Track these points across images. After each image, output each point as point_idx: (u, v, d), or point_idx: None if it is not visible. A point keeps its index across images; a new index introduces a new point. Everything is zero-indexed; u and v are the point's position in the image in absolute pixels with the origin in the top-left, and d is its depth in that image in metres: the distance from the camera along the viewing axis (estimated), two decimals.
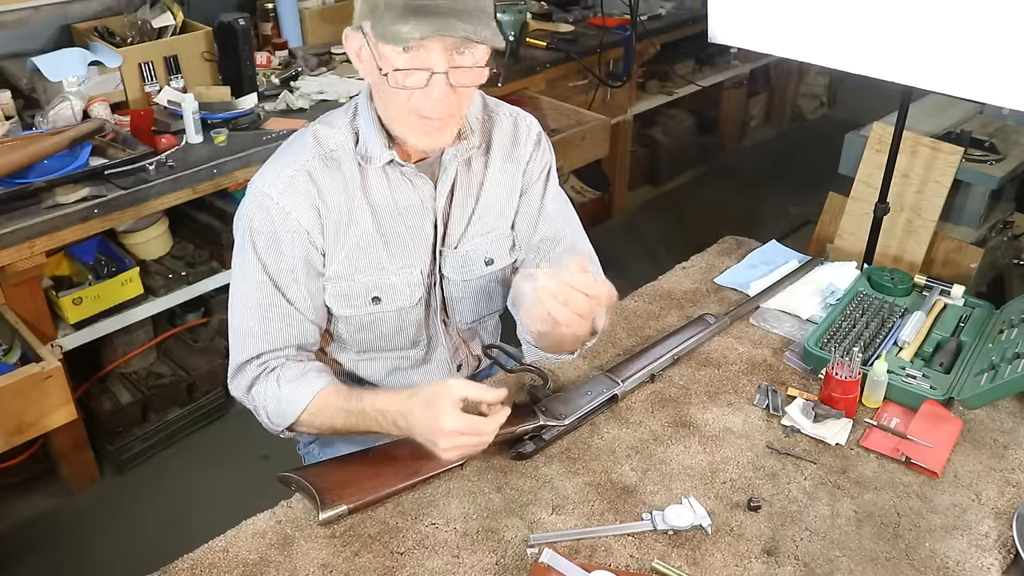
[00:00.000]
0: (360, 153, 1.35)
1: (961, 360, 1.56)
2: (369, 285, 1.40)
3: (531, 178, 1.52)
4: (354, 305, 1.42)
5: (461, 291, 1.51)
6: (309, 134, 1.37)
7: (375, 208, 1.37)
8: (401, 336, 1.48)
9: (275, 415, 1.37)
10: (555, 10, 3.69)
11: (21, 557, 2.31)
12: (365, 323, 1.45)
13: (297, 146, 1.36)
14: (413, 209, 1.39)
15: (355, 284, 1.40)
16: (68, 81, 2.36)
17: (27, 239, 2.04)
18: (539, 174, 1.53)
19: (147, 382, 2.66)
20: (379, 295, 1.42)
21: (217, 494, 2.42)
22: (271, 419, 1.38)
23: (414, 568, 1.19)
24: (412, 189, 1.38)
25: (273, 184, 1.33)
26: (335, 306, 1.42)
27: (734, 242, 2.02)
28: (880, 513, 1.29)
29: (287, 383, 1.35)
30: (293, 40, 3.03)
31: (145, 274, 2.49)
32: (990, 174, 2.51)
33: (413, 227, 1.40)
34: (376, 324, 1.45)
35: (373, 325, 1.45)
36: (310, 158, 1.34)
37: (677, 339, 1.59)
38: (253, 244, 1.34)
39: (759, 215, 4.03)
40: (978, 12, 1.69)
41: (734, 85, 4.57)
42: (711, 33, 2.18)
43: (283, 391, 1.35)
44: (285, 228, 1.33)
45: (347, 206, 1.35)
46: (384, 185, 1.37)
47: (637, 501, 1.30)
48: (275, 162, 1.36)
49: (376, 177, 1.36)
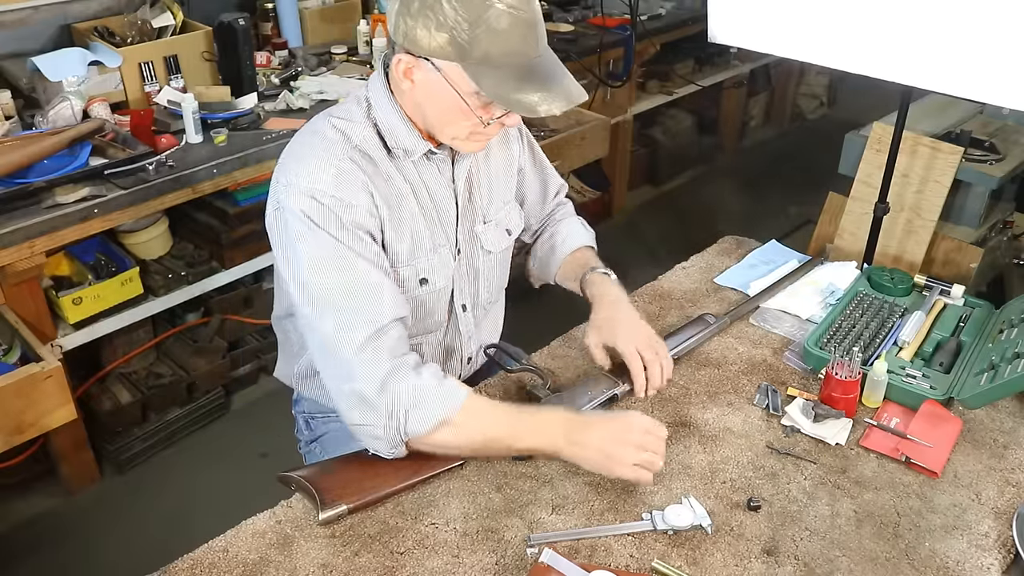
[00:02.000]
0: (392, 144, 1.36)
1: (961, 360, 1.56)
2: (419, 268, 1.42)
3: (524, 151, 1.62)
4: (406, 289, 1.41)
5: (490, 264, 1.55)
6: (332, 130, 1.34)
7: (415, 194, 1.39)
8: (430, 319, 1.49)
9: (420, 418, 1.25)
10: (555, 10, 3.69)
11: (21, 557, 2.31)
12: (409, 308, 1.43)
13: (327, 143, 1.33)
14: (440, 191, 1.43)
15: (407, 268, 1.41)
16: (68, 81, 2.36)
17: (27, 239, 2.04)
18: (527, 141, 1.63)
19: (147, 382, 2.66)
20: (425, 276, 1.43)
21: (217, 494, 2.43)
22: (410, 421, 1.25)
23: (414, 568, 1.19)
24: (439, 173, 1.42)
25: (320, 179, 1.28)
26: None
27: (734, 242, 2.02)
28: (880, 513, 1.29)
29: (431, 377, 1.27)
30: (293, 40, 3.03)
31: (145, 274, 2.49)
32: (990, 174, 2.51)
33: (442, 208, 1.44)
34: (417, 307, 1.45)
35: (415, 309, 1.44)
36: (347, 150, 1.32)
37: (677, 339, 1.59)
38: (328, 233, 1.27)
39: (759, 215, 4.03)
40: (978, 12, 1.69)
41: (734, 85, 4.58)
42: (711, 33, 2.18)
43: (434, 388, 1.26)
44: (350, 217, 1.29)
45: (390, 194, 1.36)
46: (412, 171, 1.39)
47: (637, 501, 1.30)
48: (308, 161, 1.31)
49: (409, 166, 1.38)
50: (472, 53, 1.19)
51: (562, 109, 1.22)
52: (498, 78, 1.20)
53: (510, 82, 1.20)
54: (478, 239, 1.51)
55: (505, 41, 1.19)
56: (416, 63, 1.25)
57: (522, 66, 1.21)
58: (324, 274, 1.28)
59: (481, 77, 1.20)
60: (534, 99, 1.20)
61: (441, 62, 1.22)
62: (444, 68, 1.22)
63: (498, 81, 1.20)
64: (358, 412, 1.27)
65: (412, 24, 1.20)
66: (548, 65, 1.25)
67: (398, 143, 1.35)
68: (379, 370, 1.25)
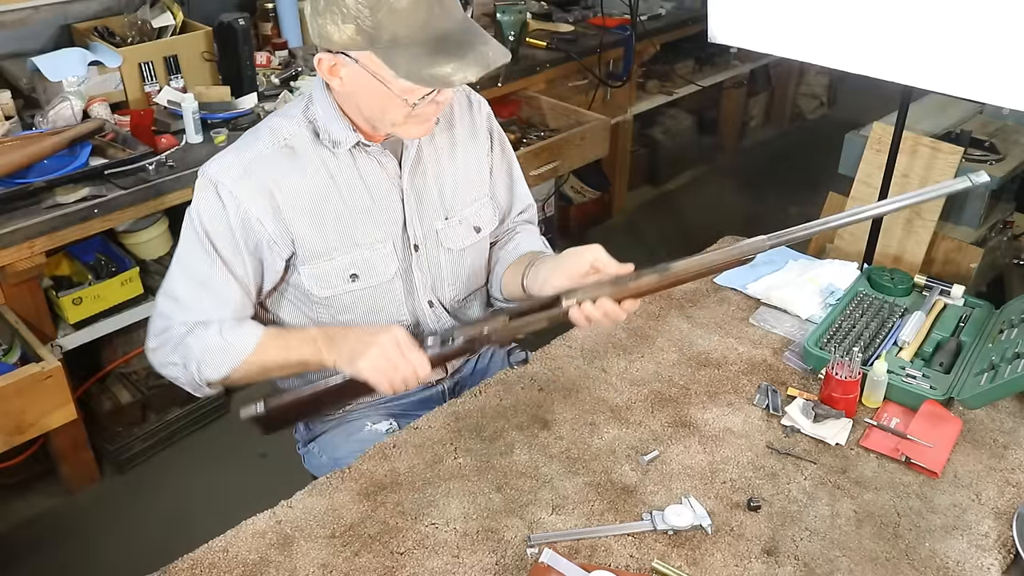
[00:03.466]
0: (324, 139, 1.39)
1: (961, 360, 1.56)
2: (346, 263, 1.43)
3: (497, 151, 1.59)
4: (332, 285, 1.44)
5: (456, 262, 1.54)
6: (264, 127, 1.41)
7: (341, 188, 1.40)
8: (382, 316, 1.49)
9: (213, 365, 1.37)
10: (555, 10, 3.69)
11: (21, 557, 2.31)
12: (346, 304, 1.46)
13: (252, 138, 1.40)
14: (381, 186, 1.43)
15: (333, 263, 1.42)
16: (68, 81, 2.35)
17: (27, 239, 2.04)
18: (498, 145, 1.60)
19: (147, 382, 2.66)
20: (356, 272, 1.44)
21: (217, 494, 2.42)
22: (202, 371, 1.38)
23: (414, 568, 1.19)
24: (379, 167, 1.43)
25: (227, 172, 1.35)
26: (314, 288, 1.43)
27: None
28: (880, 513, 1.29)
29: (229, 332, 1.38)
30: (293, 40, 3.03)
31: (145, 274, 2.49)
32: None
33: (382, 203, 1.44)
34: (356, 304, 1.47)
35: (354, 306, 1.47)
36: (265, 147, 1.37)
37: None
38: (202, 224, 1.36)
39: (759, 215, 4.03)
40: (978, 12, 1.69)
41: (734, 85, 4.57)
42: (711, 33, 2.18)
43: (226, 338, 1.37)
44: (236, 214, 1.35)
45: (311, 189, 1.38)
46: (350, 165, 1.41)
47: (637, 501, 1.30)
48: (229, 153, 1.39)
49: (343, 159, 1.40)
50: (380, 38, 1.21)
51: (477, 75, 1.22)
52: (409, 56, 1.21)
53: (422, 58, 1.21)
54: (438, 236, 1.50)
55: (409, 18, 1.20)
56: (336, 59, 1.27)
57: (434, 39, 1.22)
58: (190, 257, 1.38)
59: (394, 59, 1.21)
60: (447, 70, 1.20)
61: (355, 53, 1.25)
62: (360, 58, 1.25)
63: (410, 59, 1.21)
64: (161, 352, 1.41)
65: (322, 22, 1.24)
66: (463, 34, 1.24)
67: (329, 135, 1.38)
68: (178, 335, 1.39)
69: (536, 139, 3.07)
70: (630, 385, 1.56)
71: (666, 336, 1.69)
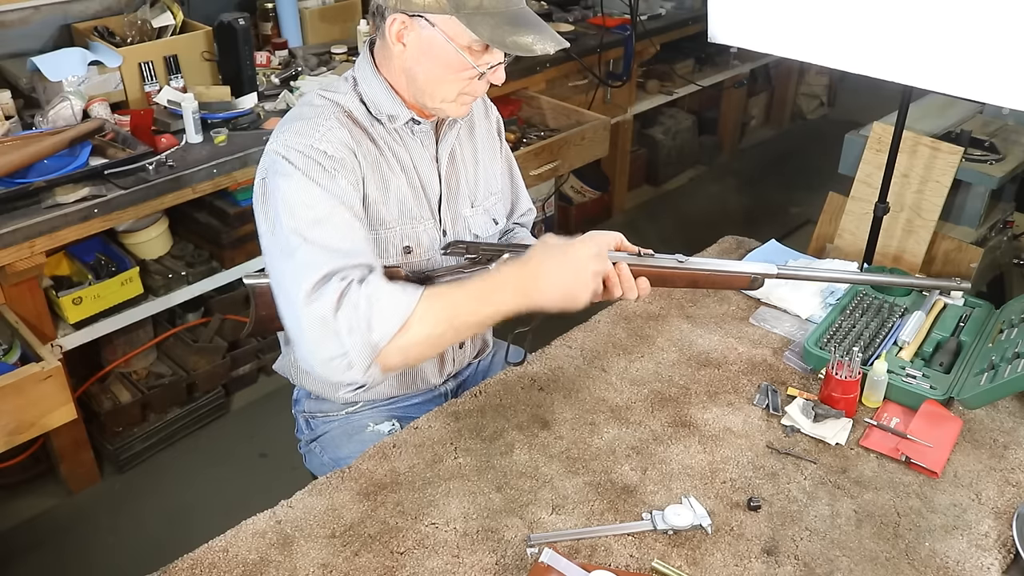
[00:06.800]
0: (377, 114, 1.39)
1: (961, 360, 1.56)
2: (403, 235, 1.44)
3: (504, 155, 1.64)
4: (388, 254, 1.43)
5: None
6: (320, 99, 1.39)
7: (400, 161, 1.42)
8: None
9: (382, 320, 1.18)
10: (555, 10, 3.69)
11: (21, 557, 2.31)
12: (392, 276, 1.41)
13: (315, 109, 1.36)
14: (424, 166, 1.45)
15: (393, 233, 1.42)
16: (68, 81, 2.36)
17: (27, 239, 2.04)
18: (505, 149, 1.64)
19: (147, 382, 2.66)
20: (410, 245, 1.45)
21: (217, 494, 2.42)
22: (373, 328, 1.18)
23: (414, 568, 1.19)
24: (421, 147, 1.45)
25: (307, 136, 1.30)
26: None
27: (734, 242, 2.02)
28: (880, 513, 1.29)
29: (388, 285, 1.23)
30: (293, 40, 3.03)
31: (145, 274, 2.49)
32: (990, 174, 2.51)
33: (426, 182, 1.46)
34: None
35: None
36: (333, 114, 1.36)
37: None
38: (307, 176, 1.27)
39: (759, 215, 4.03)
40: (978, 12, 1.69)
41: (734, 85, 4.57)
42: (711, 33, 2.18)
43: (387, 290, 1.21)
44: (332, 165, 1.30)
45: (376, 158, 1.39)
46: (398, 142, 1.42)
47: (637, 501, 1.30)
48: (294, 123, 1.33)
49: (393, 136, 1.41)
50: (467, 3, 1.25)
51: (555, 48, 1.29)
52: (492, 24, 1.26)
53: (504, 27, 1.27)
54: (466, 223, 1.52)
55: None
56: (410, 23, 1.29)
57: (512, 14, 1.29)
58: (296, 214, 1.25)
59: (477, 25, 1.26)
60: (528, 40, 1.27)
61: (436, 16, 1.27)
62: (439, 22, 1.27)
63: (493, 27, 1.26)
64: (324, 342, 1.19)
65: None
66: (530, 15, 1.32)
67: (381, 110, 1.39)
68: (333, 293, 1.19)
69: (536, 139, 3.08)
70: (630, 385, 1.56)
71: (666, 336, 1.69)
